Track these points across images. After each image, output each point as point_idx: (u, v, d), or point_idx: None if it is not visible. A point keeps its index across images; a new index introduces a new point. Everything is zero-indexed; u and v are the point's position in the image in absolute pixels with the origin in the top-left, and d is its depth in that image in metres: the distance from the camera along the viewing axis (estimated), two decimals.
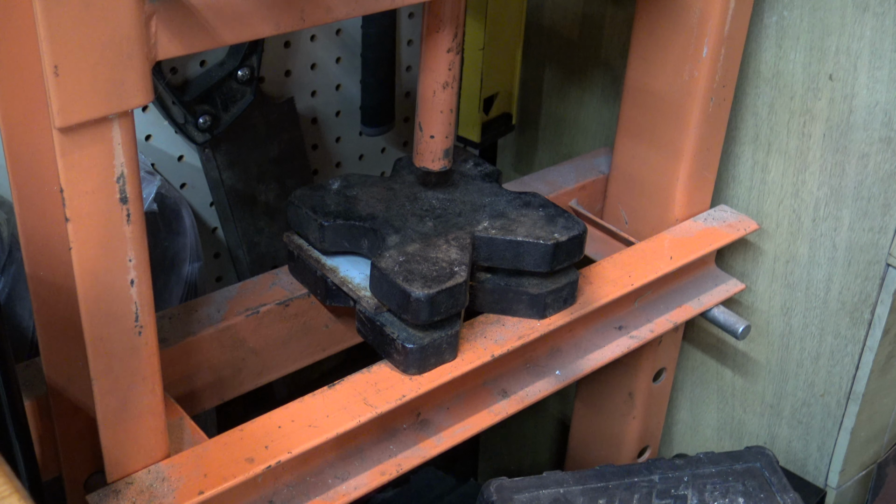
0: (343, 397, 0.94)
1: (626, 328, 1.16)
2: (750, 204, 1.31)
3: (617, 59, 1.43)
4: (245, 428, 0.91)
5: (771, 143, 1.26)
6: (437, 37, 0.96)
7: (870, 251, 1.21)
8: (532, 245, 1.01)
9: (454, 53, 0.97)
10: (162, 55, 0.72)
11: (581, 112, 1.51)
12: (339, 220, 1.03)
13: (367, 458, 0.97)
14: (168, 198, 1.19)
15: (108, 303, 0.77)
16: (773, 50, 1.22)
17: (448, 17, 0.95)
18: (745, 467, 1.12)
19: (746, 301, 1.36)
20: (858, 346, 1.26)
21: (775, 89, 1.23)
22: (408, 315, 0.94)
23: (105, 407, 0.81)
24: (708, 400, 1.47)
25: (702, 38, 1.12)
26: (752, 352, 1.38)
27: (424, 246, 1.00)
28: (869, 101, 1.15)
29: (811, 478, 1.37)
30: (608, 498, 1.08)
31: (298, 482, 0.93)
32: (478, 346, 1.01)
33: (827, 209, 1.23)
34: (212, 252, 1.42)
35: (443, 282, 0.94)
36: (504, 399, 1.06)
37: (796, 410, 1.36)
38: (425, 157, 1.04)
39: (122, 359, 0.80)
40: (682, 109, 1.17)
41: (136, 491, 0.85)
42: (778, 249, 1.30)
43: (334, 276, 1.03)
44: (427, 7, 0.95)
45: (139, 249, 0.76)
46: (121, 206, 0.74)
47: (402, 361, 0.96)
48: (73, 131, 0.69)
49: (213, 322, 1.02)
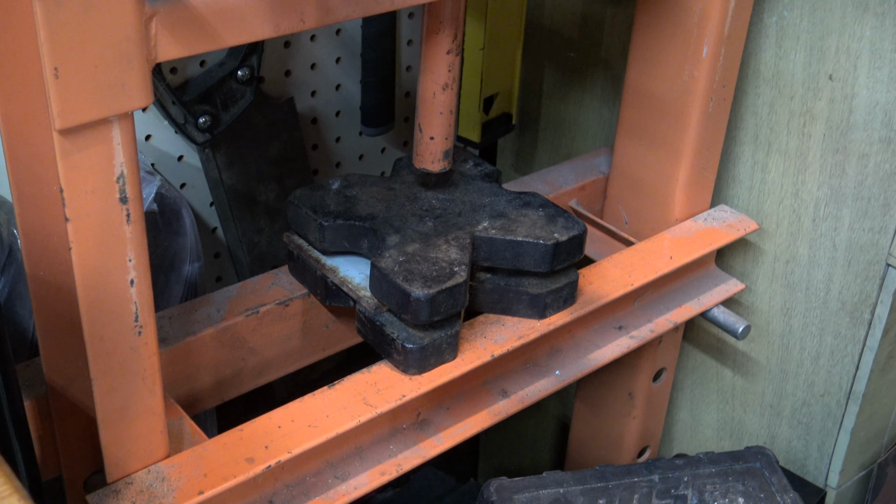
0: (343, 397, 0.94)
1: (626, 328, 1.16)
2: (750, 204, 1.31)
3: (617, 59, 1.43)
4: (245, 428, 0.91)
5: (771, 143, 1.26)
6: (436, 38, 0.96)
7: (870, 251, 1.21)
8: (532, 245, 1.01)
9: (454, 55, 0.97)
10: (162, 57, 0.72)
11: (581, 112, 1.51)
12: (339, 220, 1.03)
13: (367, 459, 0.97)
14: (168, 198, 1.19)
15: (107, 303, 0.77)
16: (773, 50, 1.22)
17: (448, 19, 0.95)
18: (745, 467, 1.12)
19: (746, 301, 1.36)
20: (858, 346, 1.26)
21: (775, 89, 1.23)
22: (408, 315, 0.94)
23: (105, 407, 0.81)
24: (708, 400, 1.47)
25: (701, 39, 1.12)
26: (752, 352, 1.38)
27: (424, 246, 1.00)
28: (869, 101, 1.15)
29: (811, 478, 1.37)
30: (608, 498, 1.08)
31: (298, 482, 0.93)
32: (478, 345, 1.01)
33: (827, 209, 1.23)
34: (212, 252, 1.42)
35: (443, 282, 0.94)
36: (504, 399, 1.06)
37: (796, 410, 1.36)
38: (425, 159, 1.04)
39: (122, 359, 0.80)
40: (682, 109, 1.17)
41: (135, 491, 0.85)
42: (778, 249, 1.30)
43: (334, 276, 1.03)
44: (427, 8, 0.95)
45: (139, 249, 0.76)
46: (121, 206, 0.74)
47: (402, 361, 0.96)
48: (73, 133, 0.69)
49: (213, 322, 1.02)
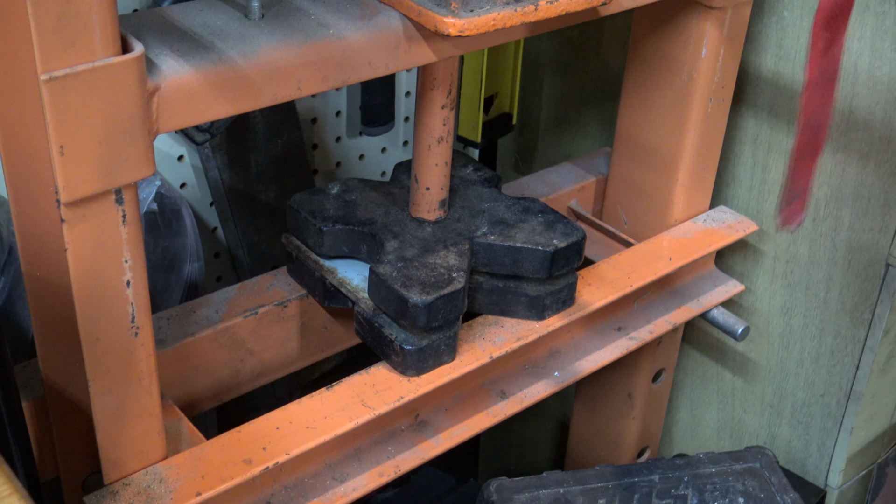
0: (341, 399, 0.94)
1: (625, 329, 1.16)
2: (750, 204, 1.30)
3: (617, 59, 1.42)
4: (243, 429, 0.91)
5: (771, 143, 1.26)
6: (431, 94, 0.98)
7: (870, 251, 1.21)
8: (531, 251, 1.01)
9: (448, 109, 0.98)
10: (164, 129, 0.74)
11: (581, 112, 1.51)
12: (338, 224, 1.03)
13: (366, 460, 0.97)
14: (168, 198, 1.19)
15: (103, 304, 0.77)
16: (773, 50, 1.21)
17: (442, 76, 0.96)
18: (745, 467, 1.12)
19: (746, 301, 1.35)
20: (858, 346, 1.26)
21: (775, 89, 1.23)
22: (406, 321, 0.94)
23: (102, 408, 0.81)
24: (708, 400, 1.47)
25: (701, 39, 1.12)
26: (752, 352, 1.38)
27: (423, 251, 1.00)
28: (869, 102, 1.15)
29: (811, 478, 1.37)
30: (608, 498, 1.08)
31: (296, 484, 0.93)
32: (476, 347, 1.01)
33: (827, 209, 1.23)
34: (212, 252, 1.42)
35: (441, 288, 0.94)
36: (503, 400, 1.05)
37: (796, 410, 1.36)
38: (421, 208, 1.05)
39: (119, 360, 0.80)
40: (682, 110, 1.17)
41: (133, 492, 0.85)
42: (778, 250, 1.30)
43: (333, 278, 1.03)
44: (422, 66, 0.96)
45: (135, 250, 0.76)
46: (116, 206, 0.74)
47: (401, 363, 0.96)
48: (79, 204, 0.72)
49: (212, 323, 1.02)
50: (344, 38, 0.81)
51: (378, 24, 0.83)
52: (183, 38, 0.77)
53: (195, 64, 0.74)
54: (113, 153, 0.71)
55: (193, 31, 0.78)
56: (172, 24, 0.79)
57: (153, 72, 0.72)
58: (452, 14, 0.80)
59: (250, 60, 0.77)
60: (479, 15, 0.81)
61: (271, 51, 0.78)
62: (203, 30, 0.79)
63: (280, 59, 0.78)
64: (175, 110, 0.74)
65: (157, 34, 0.77)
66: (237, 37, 0.78)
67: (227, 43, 0.77)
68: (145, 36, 0.77)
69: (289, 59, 0.78)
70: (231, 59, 0.76)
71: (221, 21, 0.80)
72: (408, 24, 0.84)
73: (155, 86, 0.72)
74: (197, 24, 0.79)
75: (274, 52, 0.78)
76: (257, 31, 0.79)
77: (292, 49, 0.78)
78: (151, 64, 0.73)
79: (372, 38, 0.82)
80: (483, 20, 0.81)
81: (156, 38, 0.77)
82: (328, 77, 0.81)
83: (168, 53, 0.75)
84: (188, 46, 0.76)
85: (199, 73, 0.74)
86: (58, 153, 0.68)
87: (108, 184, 0.72)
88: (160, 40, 0.77)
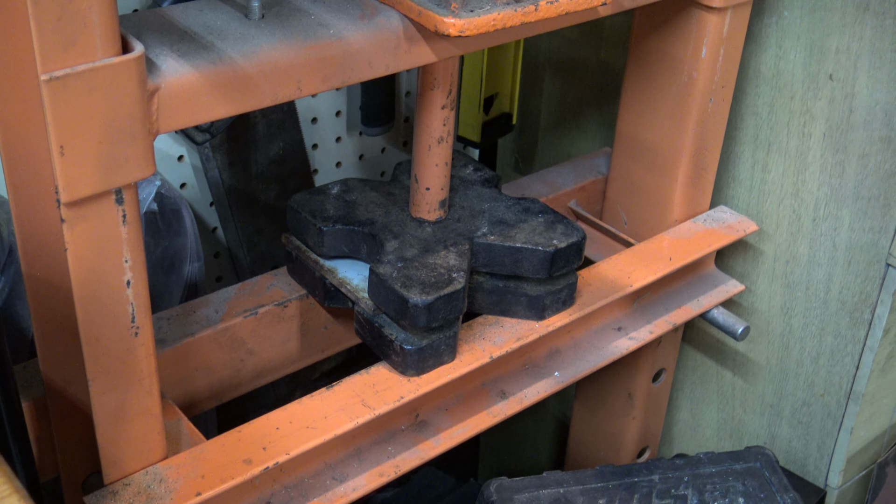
0: (341, 399, 0.94)
1: (626, 329, 1.16)
2: (750, 204, 1.30)
3: (617, 59, 1.42)
4: (243, 429, 0.91)
5: (771, 143, 1.26)
6: (431, 94, 0.98)
7: (870, 251, 1.21)
8: (531, 252, 1.01)
9: (448, 109, 0.98)
10: (164, 129, 0.74)
11: (581, 112, 1.51)
12: (339, 225, 1.03)
13: (366, 460, 0.97)
14: (168, 198, 1.19)
15: (103, 304, 0.77)
16: (773, 50, 1.21)
17: (442, 76, 0.97)
18: (745, 467, 1.12)
19: (746, 301, 1.35)
20: (858, 345, 1.26)
21: (775, 89, 1.23)
22: (406, 321, 0.94)
23: (102, 408, 0.81)
24: (708, 400, 1.47)
25: (701, 39, 1.12)
26: (752, 352, 1.38)
27: (423, 252, 1.00)
28: (869, 101, 1.15)
29: (811, 478, 1.37)
30: (608, 498, 1.08)
31: (296, 483, 0.93)
32: (476, 347, 1.01)
33: (827, 209, 1.23)
34: (212, 252, 1.42)
35: (441, 288, 0.94)
36: (503, 400, 1.05)
37: (796, 410, 1.36)
38: (421, 209, 1.05)
39: (119, 360, 0.80)
40: (682, 110, 1.17)
41: (133, 492, 0.85)
42: (778, 250, 1.30)
43: (333, 278, 1.03)
44: (422, 67, 0.96)
45: (135, 250, 0.76)
46: (116, 206, 0.74)
47: (401, 363, 0.96)
48: (79, 204, 0.72)
49: (212, 323, 1.02)
50: (344, 38, 0.81)
51: (378, 24, 0.83)
52: (183, 38, 0.77)
53: (195, 64, 0.75)
54: (113, 153, 0.71)
55: (193, 31, 0.78)
56: (172, 24, 0.79)
57: (153, 72, 0.73)
58: (452, 14, 0.80)
59: (250, 60, 0.77)
60: (479, 15, 0.81)
61: (271, 51, 0.78)
62: (203, 30, 0.79)
63: (280, 59, 0.78)
64: (175, 110, 0.74)
65: (157, 34, 0.77)
66: (237, 37, 0.78)
67: (227, 43, 0.77)
68: (145, 36, 0.77)
69: (289, 59, 0.78)
70: (231, 59, 0.76)
71: (221, 21, 0.80)
72: (408, 24, 0.84)
73: (155, 86, 0.72)
74: (197, 24, 0.80)
75: (274, 53, 0.78)
76: (257, 31, 0.79)
77: (292, 49, 0.78)
78: (151, 64, 0.73)
79: (372, 38, 0.82)
80: (483, 20, 0.81)
81: (156, 38, 0.77)
82: (328, 77, 0.81)
83: (168, 53, 0.75)
84: (188, 46, 0.76)
85: (199, 74, 0.74)
86: (58, 153, 0.68)
87: (108, 184, 0.72)
88: (160, 40, 0.77)
